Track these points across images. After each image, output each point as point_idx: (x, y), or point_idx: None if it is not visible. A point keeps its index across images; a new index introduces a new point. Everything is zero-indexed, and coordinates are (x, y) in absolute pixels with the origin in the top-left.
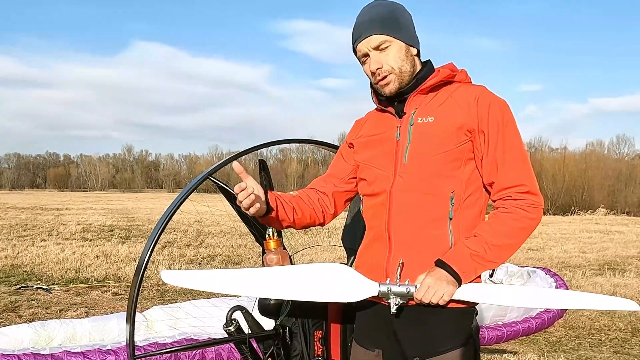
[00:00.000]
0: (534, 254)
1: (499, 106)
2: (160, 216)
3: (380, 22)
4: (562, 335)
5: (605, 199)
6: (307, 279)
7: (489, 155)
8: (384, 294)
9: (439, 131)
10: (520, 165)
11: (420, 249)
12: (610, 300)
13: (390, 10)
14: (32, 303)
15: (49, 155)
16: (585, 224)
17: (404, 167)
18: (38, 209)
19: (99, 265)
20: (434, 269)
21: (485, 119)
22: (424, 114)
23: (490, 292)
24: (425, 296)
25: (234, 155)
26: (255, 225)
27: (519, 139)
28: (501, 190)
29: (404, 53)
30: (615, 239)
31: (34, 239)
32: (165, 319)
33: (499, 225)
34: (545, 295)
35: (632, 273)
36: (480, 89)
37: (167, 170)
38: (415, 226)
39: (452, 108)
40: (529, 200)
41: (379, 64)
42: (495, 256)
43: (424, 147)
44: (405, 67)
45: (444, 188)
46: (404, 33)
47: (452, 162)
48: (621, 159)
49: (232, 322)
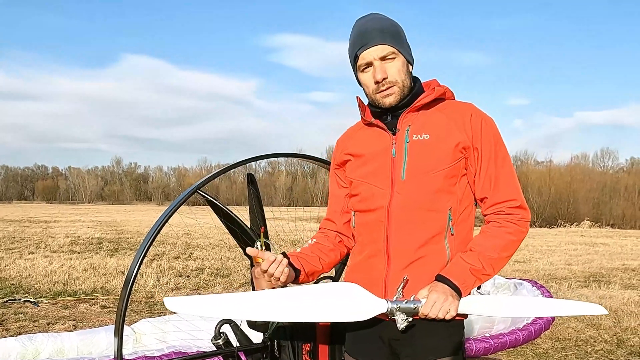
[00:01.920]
0: (520, 266)
1: (490, 123)
2: (149, 229)
3: (390, 34)
4: (549, 347)
5: (590, 211)
6: (316, 300)
7: (483, 172)
8: (391, 311)
9: (436, 148)
10: (512, 181)
11: (419, 264)
12: (579, 306)
13: (395, 24)
14: (20, 316)
15: (37, 168)
16: (570, 236)
17: (402, 184)
18: (26, 222)
19: (87, 278)
20: (436, 283)
21: (479, 136)
22: (418, 131)
23: (485, 303)
24: (432, 311)
25: (223, 169)
26: (244, 238)
27: (508, 156)
28: (494, 205)
29: (406, 68)
30: (600, 251)
31: (22, 251)
32: (153, 332)
33: (494, 239)
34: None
35: (616, 285)
36: (470, 106)
37: (156, 183)
38: (415, 242)
39: (446, 125)
40: (520, 215)
41: (385, 74)
42: (491, 269)
43: (421, 165)
44: (407, 82)
45: (443, 204)
46: (406, 48)
47: (450, 178)
48: (605, 172)
49: (221, 335)
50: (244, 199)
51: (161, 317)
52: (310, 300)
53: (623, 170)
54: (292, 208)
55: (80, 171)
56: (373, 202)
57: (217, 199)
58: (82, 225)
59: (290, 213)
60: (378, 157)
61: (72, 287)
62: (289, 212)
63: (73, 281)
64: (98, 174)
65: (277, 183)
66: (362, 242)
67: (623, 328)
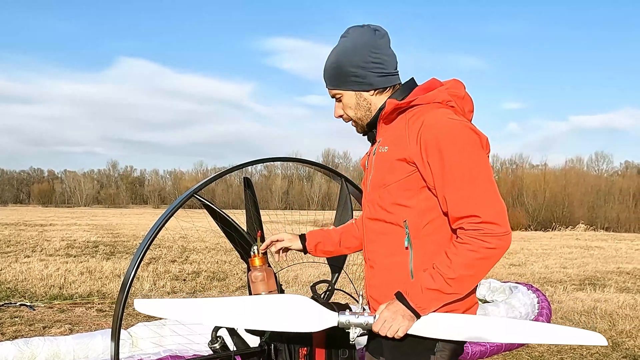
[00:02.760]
0: (515, 270)
1: (445, 135)
2: (146, 232)
3: (328, 77)
4: (544, 350)
5: (585, 214)
6: (270, 310)
7: (438, 188)
8: (343, 325)
9: (390, 161)
10: (470, 195)
11: (385, 274)
12: (577, 334)
13: (337, 60)
14: (15, 320)
15: (33, 171)
16: (565, 240)
17: (369, 195)
18: (22, 225)
19: (83, 281)
20: (393, 301)
21: (428, 150)
22: (383, 143)
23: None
24: (382, 330)
25: (220, 173)
26: (241, 242)
27: (469, 167)
28: (455, 222)
29: (355, 101)
30: (595, 255)
31: (18, 255)
32: (150, 336)
33: (456, 257)
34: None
35: (612, 288)
36: (430, 116)
37: (152, 186)
38: (381, 253)
39: (402, 138)
40: (485, 230)
41: (339, 113)
42: (454, 289)
43: (379, 177)
44: (360, 114)
45: (398, 217)
46: (351, 82)
47: (404, 191)
48: (600, 176)
49: (217, 339)
50: (240, 202)
51: (158, 321)
52: (265, 310)
53: (617, 173)
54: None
55: (76, 174)
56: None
57: (214, 202)
58: (78, 229)
59: (286, 216)
60: (364, 168)
61: (68, 290)
62: (285, 215)
63: (69, 285)
64: (94, 177)
65: (273, 186)
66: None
67: (618, 331)
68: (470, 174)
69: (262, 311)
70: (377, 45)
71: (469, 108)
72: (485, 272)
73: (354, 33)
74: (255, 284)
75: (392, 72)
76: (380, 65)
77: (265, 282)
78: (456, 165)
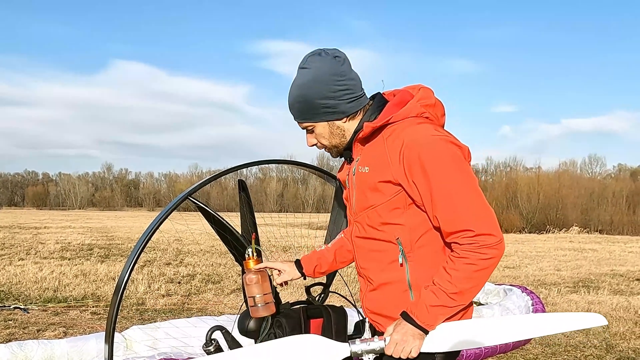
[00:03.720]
0: (510, 272)
1: (427, 152)
2: (140, 235)
3: (297, 110)
4: (539, 353)
5: (579, 217)
6: (283, 354)
7: (426, 205)
8: (355, 354)
9: (373, 183)
10: (460, 210)
11: (383, 289)
12: (576, 318)
13: (303, 94)
14: (9, 323)
15: (27, 174)
16: (559, 242)
17: (355, 215)
18: (16, 228)
19: (77, 284)
20: (400, 322)
21: (412, 169)
22: (362, 162)
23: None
24: (395, 352)
25: (214, 176)
26: (235, 245)
27: (455, 181)
28: (448, 236)
29: (328, 131)
30: (588, 257)
31: (12, 257)
32: (144, 339)
33: (454, 272)
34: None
35: (605, 290)
36: (408, 135)
37: (146, 189)
38: (375, 269)
39: (382, 159)
40: (479, 243)
41: (312, 142)
42: (458, 302)
43: (364, 198)
44: (334, 141)
45: (390, 235)
46: (323, 113)
47: (392, 211)
48: (593, 178)
49: (212, 342)
50: (235, 205)
51: (152, 324)
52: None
53: (611, 176)
54: (283, 214)
55: (70, 177)
56: (348, 227)
57: (208, 205)
58: (73, 232)
59: (281, 219)
60: (345, 185)
61: (62, 293)
62: (280, 218)
63: (63, 288)
64: (89, 180)
65: (268, 189)
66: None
67: (612, 333)
68: (457, 189)
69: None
70: (340, 72)
71: (441, 112)
72: (485, 281)
73: (314, 63)
74: (249, 286)
75: (360, 95)
76: (348, 91)
77: (259, 284)
78: (442, 182)
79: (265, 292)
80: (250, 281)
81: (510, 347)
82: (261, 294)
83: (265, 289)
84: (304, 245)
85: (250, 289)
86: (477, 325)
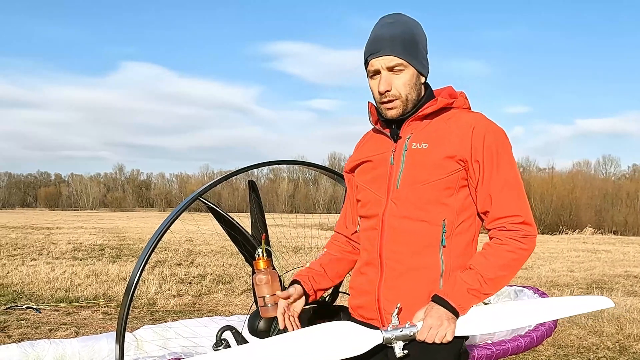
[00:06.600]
0: (522, 273)
1: (495, 136)
2: (151, 236)
3: (401, 44)
4: (551, 354)
5: (592, 218)
6: (313, 343)
7: (484, 186)
8: (387, 340)
9: (432, 159)
10: (515, 196)
11: (412, 275)
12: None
13: (411, 32)
14: (22, 323)
15: (40, 175)
16: (573, 243)
17: (397, 192)
18: (28, 228)
19: (89, 284)
20: (432, 306)
21: (480, 149)
22: (418, 139)
23: (484, 317)
24: (429, 337)
25: (225, 176)
26: (245, 245)
27: (514, 169)
28: (495, 220)
29: (414, 80)
30: (602, 258)
31: (24, 258)
32: (155, 339)
33: (494, 258)
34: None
35: (619, 292)
36: (476, 117)
37: (158, 190)
38: (407, 252)
39: (446, 136)
40: (524, 232)
41: (389, 86)
42: (490, 288)
43: (416, 174)
44: (412, 95)
45: (436, 216)
46: (419, 60)
47: (444, 189)
48: (607, 179)
49: (222, 342)
50: (245, 205)
51: (163, 324)
52: (307, 344)
53: (625, 177)
54: (293, 215)
55: (82, 178)
56: (370, 208)
57: (219, 205)
58: (85, 232)
59: (292, 220)
60: (380, 164)
61: (74, 293)
62: (290, 219)
63: (75, 288)
64: (100, 180)
65: (279, 190)
66: (363, 248)
67: (625, 335)
68: (514, 178)
69: (308, 345)
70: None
71: None
72: (515, 273)
73: (407, 17)
74: (259, 286)
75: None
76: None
77: (269, 284)
78: (504, 167)
79: (274, 292)
80: (260, 281)
81: (522, 349)
82: (271, 294)
83: (275, 289)
84: (314, 246)
85: (260, 289)
86: (497, 310)
